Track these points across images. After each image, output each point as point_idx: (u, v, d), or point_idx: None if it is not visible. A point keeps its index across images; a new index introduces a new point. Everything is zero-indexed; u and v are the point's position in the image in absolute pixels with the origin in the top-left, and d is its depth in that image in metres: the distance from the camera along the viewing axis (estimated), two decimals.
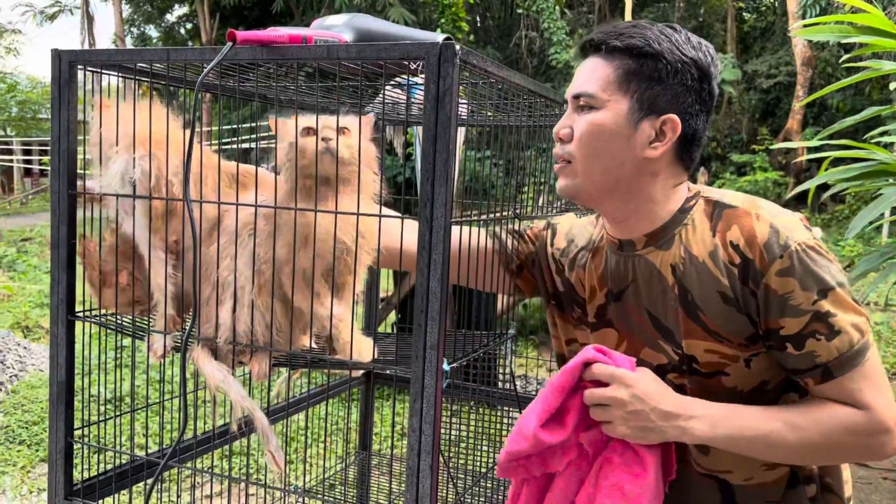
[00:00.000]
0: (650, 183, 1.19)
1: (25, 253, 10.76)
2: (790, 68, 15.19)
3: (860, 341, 1.10)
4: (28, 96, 17.00)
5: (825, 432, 1.11)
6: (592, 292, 1.30)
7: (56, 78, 1.30)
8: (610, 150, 1.16)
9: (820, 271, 1.10)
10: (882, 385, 1.12)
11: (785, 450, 1.12)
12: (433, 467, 1.05)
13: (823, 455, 1.16)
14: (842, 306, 1.10)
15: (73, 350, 1.36)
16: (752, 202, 1.18)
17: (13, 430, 4.36)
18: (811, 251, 1.11)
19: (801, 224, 1.15)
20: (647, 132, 1.15)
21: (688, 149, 1.20)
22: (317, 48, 1.08)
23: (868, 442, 1.11)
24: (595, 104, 1.16)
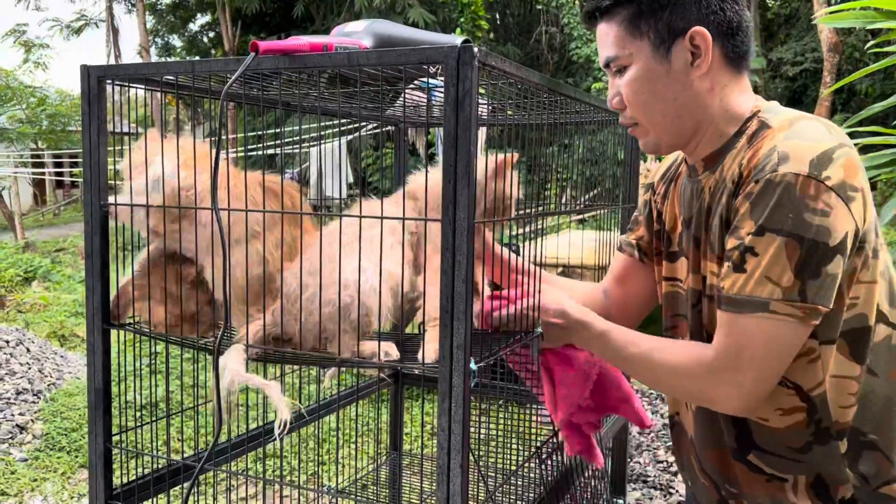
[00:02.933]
0: (709, 100, 1.17)
1: (59, 263, 10.99)
2: (816, 55, 14.95)
3: (759, 299, 1.03)
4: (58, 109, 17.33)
5: (671, 370, 1.16)
6: (673, 221, 1.32)
7: (85, 93, 1.33)
8: (658, 94, 1.17)
9: (775, 209, 1.02)
10: (748, 348, 1.06)
11: (641, 376, 1.23)
12: (463, 466, 1.06)
13: (668, 389, 1.26)
14: (770, 254, 1.02)
15: (110, 358, 1.39)
16: (790, 122, 1.10)
17: (53, 436, 4.45)
18: (786, 186, 1.02)
19: (817, 154, 1.02)
20: (681, 57, 1.15)
21: (733, 43, 1.16)
22: (337, 55, 1.10)
23: (697, 385, 1.13)
24: (623, 63, 1.18)
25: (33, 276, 9.75)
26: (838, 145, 1.04)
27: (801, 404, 1.13)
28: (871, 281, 1.10)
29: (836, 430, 1.13)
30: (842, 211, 1.02)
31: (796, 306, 1.03)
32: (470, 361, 1.05)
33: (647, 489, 3.75)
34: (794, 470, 1.16)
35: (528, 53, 16.96)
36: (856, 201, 1.04)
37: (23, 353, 5.36)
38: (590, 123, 1.79)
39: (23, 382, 4.97)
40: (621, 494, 2.07)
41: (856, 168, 1.05)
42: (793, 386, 1.13)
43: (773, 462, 1.18)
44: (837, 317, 1.10)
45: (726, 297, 1.08)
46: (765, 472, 1.19)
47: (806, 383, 1.12)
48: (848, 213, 1.03)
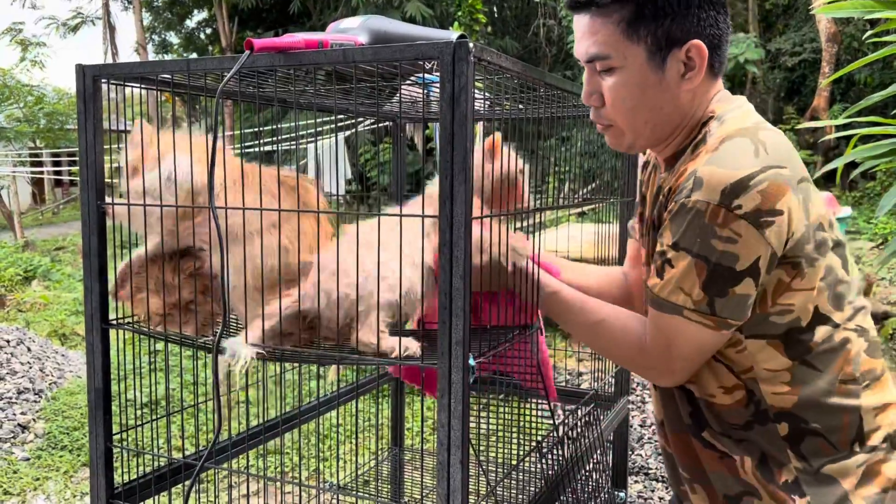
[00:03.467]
0: (689, 107, 1.19)
1: (59, 262, 10.98)
2: (815, 45, 14.90)
3: (675, 304, 1.10)
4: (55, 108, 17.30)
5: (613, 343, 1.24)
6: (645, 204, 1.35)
7: (81, 92, 1.33)
8: (647, 103, 1.16)
9: (687, 230, 1.07)
10: (675, 342, 1.13)
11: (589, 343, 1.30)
12: (463, 462, 1.06)
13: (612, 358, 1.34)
14: (680, 270, 1.09)
15: (109, 357, 1.39)
16: (721, 141, 1.11)
17: (55, 435, 4.46)
18: (696, 213, 1.06)
19: (729, 183, 1.05)
20: (675, 68, 1.14)
21: (717, 56, 1.17)
22: (333, 52, 1.10)
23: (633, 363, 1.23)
24: (613, 65, 1.15)
25: (33, 275, 9.75)
26: (760, 170, 1.05)
27: (739, 383, 1.17)
28: (809, 289, 1.12)
29: (773, 413, 1.16)
30: (752, 238, 1.05)
31: (706, 317, 1.10)
32: (469, 357, 1.05)
33: (648, 481, 3.76)
34: (740, 449, 1.20)
35: (526, 47, 16.92)
36: (773, 226, 1.06)
37: (24, 353, 5.36)
38: (588, 116, 1.79)
39: (24, 382, 4.97)
40: (623, 487, 2.07)
41: (780, 191, 1.05)
42: (728, 367, 1.17)
43: (723, 441, 1.21)
44: (765, 319, 1.13)
45: (651, 296, 1.15)
46: (717, 450, 1.22)
47: (736, 367, 1.17)
48: (760, 239, 1.06)
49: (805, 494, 1.15)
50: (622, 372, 2.06)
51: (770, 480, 1.18)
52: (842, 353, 1.15)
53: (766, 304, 1.12)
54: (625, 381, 2.08)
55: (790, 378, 1.14)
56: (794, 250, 1.10)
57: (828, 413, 1.15)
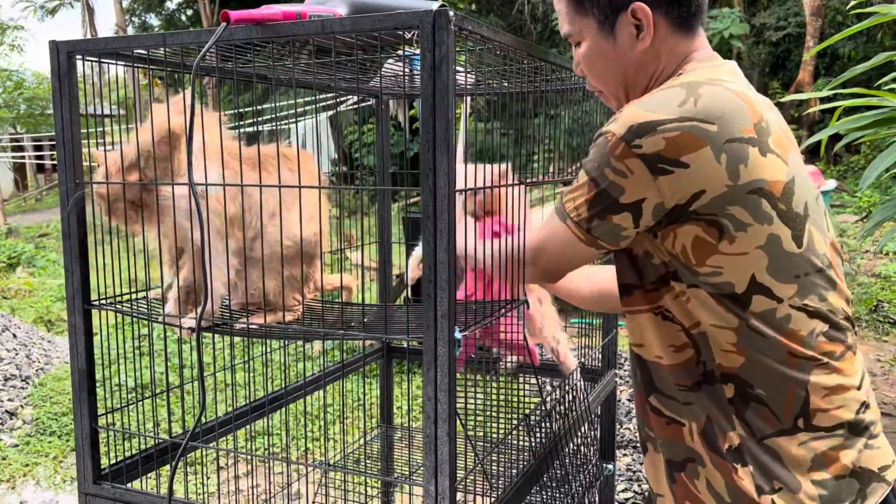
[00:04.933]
0: (657, 65, 1.22)
1: (43, 248, 10.89)
2: (799, 19, 14.90)
3: (564, 211, 1.17)
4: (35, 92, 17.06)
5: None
6: None
7: (55, 69, 1.30)
8: (611, 69, 1.23)
9: (593, 156, 1.14)
10: (543, 240, 1.22)
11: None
12: (450, 434, 1.06)
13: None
14: (579, 188, 1.15)
15: (92, 338, 1.38)
16: (662, 87, 1.16)
17: (43, 421, 4.45)
18: (601, 141, 1.12)
19: (638, 121, 1.08)
20: (627, 32, 1.19)
21: (679, 9, 1.19)
22: (311, 23, 1.08)
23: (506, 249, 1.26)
24: (576, 39, 1.24)
25: (17, 261, 9.67)
26: (676, 119, 1.06)
27: (688, 341, 1.17)
28: (740, 253, 1.10)
29: (720, 374, 1.16)
30: (643, 178, 1.09)
31: (581, 232, 1.17)
32: (455, 330, 1.05)
33: (636, 454, 3.79)
34: (686, 414, 1.20)
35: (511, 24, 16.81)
36: (669, 175, 1.07)
37: (9, 339, 5.32)
38: (574, 91, 1.77)
39: (10, 368, 4.94)
40: (611, 460, 2.09)
41: (692, 144, 1.06)
42: (678, 323, 1.18)
43: (669, 405, 1.22)
44: (695, 275, 1.13)
45: (557, 201, 1.21)
46: (664, 415, 1.23)
47: (685, 321, 1.17)
48: (650, 183, 1.09)
49: (747, 464, 1.14)
50: (609, 345, 2.07)
51: (714, 447, 1.17)
52: (787, 329, 1.13)
53: (689, 260, 1.13)
54: (612, 355, 2.09)
55: (736, 339, 1.13)
56: (708, 208, 1.08)
57: (773, 381, 1.13)
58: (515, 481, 1.38)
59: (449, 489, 1.07)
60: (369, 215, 2.23)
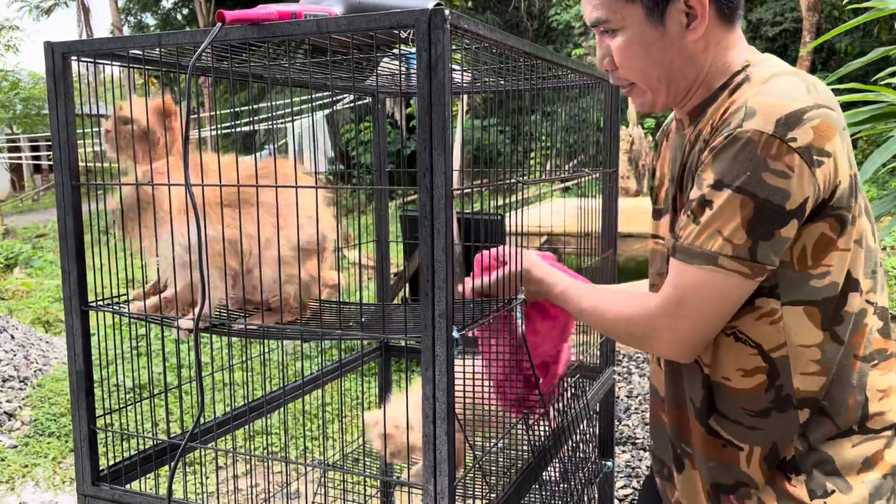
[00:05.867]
0: (705, 59, 1.14)
1: (41, 249, 10.87)
2: (796, 14, 14.90)
3: (709, 252, 1.03)
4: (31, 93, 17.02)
5: (616, 318, 1.19)
6: (661, 178, 1.30)
7: (50, 70, 1.29)
8: (654, 59, 1.13)
9: (734, 165, 1.00)
10: (691, 298, 1.06)
11: (595, 326, 1.32)
12: (449, 433, 1.06)
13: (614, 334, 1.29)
14: (723, 209, 1.01)
15: (89, 339, 1.38)
16: (769, 77, 1.07)
17: (42, 422, 4.44)
18: (747, 143, 1.00)
19: (784, 113, 0.99)
20: (677, 20, 1.10)
21: (724, 2, 1.12)
22: (306, 23, 1.07)
23: (634, 330, 1.17)
24: (613, 27, 1.13)
25: (14, 262, 9.65)
26: (814, 106, 1.01)
27: (763, 365, 1.11)
28: (845, 249, 1.07)
29: (797, 399, 1.12)
30: (805, 175, 0.99)
31: (745, 264, 1.02)
32: (452, 329, 1.05)
33: (636, 451, 3.80)
34: (751, 439, 1.15)
35: (508, 21, 16.80)
36: (823, 167, 1.01)
37: (7, 341, 5.31)
38: (571, 89, 1.77)
39: (8, 370, 4.93)
40: (610, 457, 2.09)
41: (830, 132, 1.01)
42: (755, 346, 1.11)
43: (731, 429, 1.17)
44: (804, 281, 1.07)
45: (680, 246, 1.08)
46: (721, 437, 1.18)
47: (766, 343, 1.11)
48: (811, 179, 1.00)
49: (801, 472, 1.13)
50: (607, 343, 2.07)
51: (773, 469, 1.15)
52: (861, 327, 1.11)
53: (805, 262, 1.06)
54: (610, 352, 2.09)
55: (820, 355, 1.09)
56: (840, 201, 1.04)
57: (839, 390, 1.11)
58: (514, 479, 1.38)
59: (448, 488, 1.07)
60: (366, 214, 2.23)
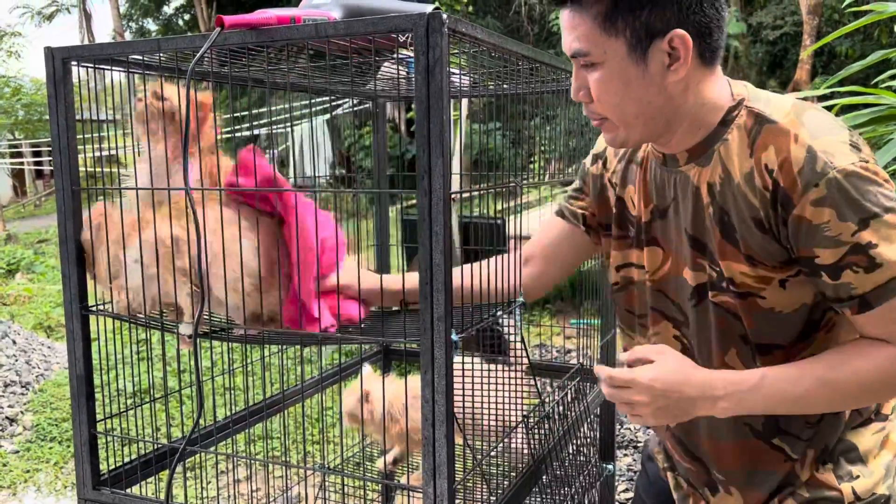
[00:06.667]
0: (684, 99, 1.13)
1: (42, 254, 10.88)
2: (796, 17, 14.90)
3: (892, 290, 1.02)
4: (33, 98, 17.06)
5: (862, 382, 1.07)
6: (640, 208, 1.28)
7: (51, 75, 1.30)
8: (633, 97, 1.11)
9: (862, 199, 1.02)
10: (886, 327, 1.05)
11: (821, 405, 1.11)
12: (449, 436, 1.06)
13: (864, 401, 1.14)
14: (887, 235, 1.02)
15: (90, 343, 1.38)
16: (797, 116, 1.08)
17: (43, 427, 4.44)
18: (852, 177, 1.02)
19: (847, 144, 1.04)
20: (659, 59, 1.08)
21: (707, 43, 1.10)
22: (305, 27, 1.08)
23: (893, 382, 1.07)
24: (593, 60, 1.10)
25: (16, 267, 9.66)
26: (846, 127, 1.07)
27: None
28: None
29: None
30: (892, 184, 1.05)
31: None
32: (451, 332, 1.05)
33: (637, 454, 3.79)
34: (805, 449, 1.21)
35: (508, 26, 16.82)
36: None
37: (9, 346, 5.32)
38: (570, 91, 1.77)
39: (10, 375, 4.94)
40: (611, 460, 2.09)
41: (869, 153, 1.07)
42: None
43: (792, 443, 1.21)
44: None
45: (873, 292, 1.04)
46: (785, 453, 1.22)
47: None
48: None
49: (827, 462, 1.20)
50: (608, 346, 2.07)
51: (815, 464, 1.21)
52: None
53: None
54: (611, 355, 2.09)
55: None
56: None
57: None
58: (514, 482, 1.38)
59: (448, 491, 1.07)
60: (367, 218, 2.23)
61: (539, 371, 2.07)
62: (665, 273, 1.25)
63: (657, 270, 1.26)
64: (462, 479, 1.26)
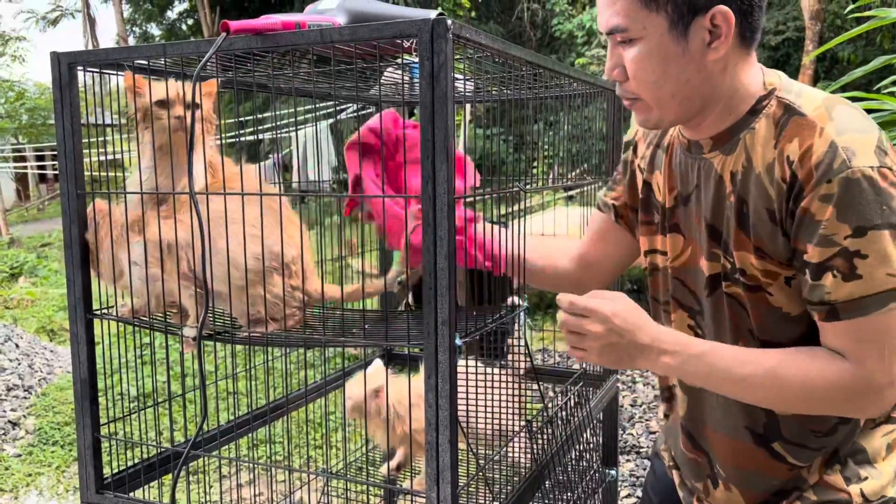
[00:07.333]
0: (721, 80, 1.10)
1: (46, 258, 10.90)
2: (798, 23, 14.90)
3: (886, 292, 0.99)
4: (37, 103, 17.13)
5: (807, 386, 1.06)
6: (664, 194, 1.26)
7: (56, 80, 1.31)
8: (671, 75, 1.08)
9: (868, 206, 0.98)
10: (889, 346, 1.02)
11: (761, 396, 1.11)
12: (452, 441, 1.06)
13: (802, 406, 1.11)
14: (880, 251, 0.99)
15: (94, 348, 1.38)
16: (827, 110, 1.05)
17: (46, 431, 4.44)
18: (867, 181, 0.98)
19: (873, 145, 1.01)
20: (699, 36, 1.05)
21: (748, 23, 1.07)
22: (310, 33, 1.08)
23: (849, 400, 1.06)
24: (632, 36, 1.07)
25: (19, 271, 9.68)
26: (878, 128, 1.03)
27: None
28: None
29: None
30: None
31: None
32: (455, 337, 1.05)
33: (640, 460, 3.79)
34: (812, 457, 1.20)
35: (511, 31, 16.85)
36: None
37: (12, 349, 5.33)
38: (574, 98, 1.78)
39: (13, 378, 4.94)
40: (613, 466, 2.09)
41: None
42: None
43: (795, 452, 1.20)
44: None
45: (844, 303, 1.02)
46: (787, 462, 1.21)
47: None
48: None
49: (834, 465, 1.20)
50: None
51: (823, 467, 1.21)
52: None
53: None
54: None
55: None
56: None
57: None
58: (517, 488, 1.38)
59: (451, 496, 1.07)
60: None
61: (542, 376, 2.07)
62: (684, 261, 1.25)
63: (677, 258, 1.26)
64: (465, 484, 1.26)
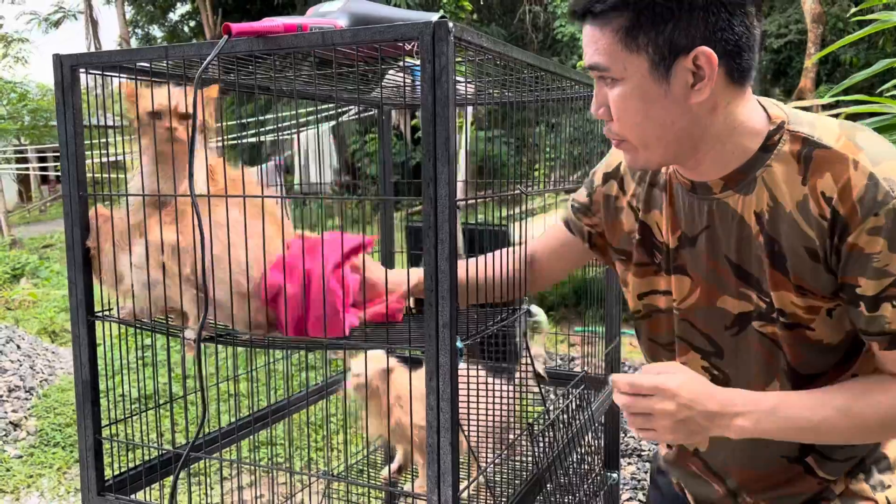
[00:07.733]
0: (711, 121, 1.06)
1: (47, 259, 10.92)
2: (800, 26, 14.90)
3: None
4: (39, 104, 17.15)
5: (883, 416, 1.05)
6: (667, 234, 1.22)
7: (59, 82, 1.31)
8: (654, 117, 1.05)
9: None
10: None
11: (837, 436, 1.09)
12: (453, 444, 1.06)
13: (881, 436, 1.13)
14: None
15: (96, 349, 1.38)
16: (851, 140, 1.03)
17: (47, 432, 4.45)
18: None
19: None
20: (682, 78, 1.02)
21: (737, 62, 1.03)
22: (312, 35, 1.09)
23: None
24: (614, 76, 1.05)
25: (21, 272, 9.69)
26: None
27: None
28: None
29: None
30: None
31: None
32: (456, 339, 1.05)
33: (641, 463, 3.78)
34: (842, 470, 1.21)
35: (513, 33, 16.87)
36: None
37: (13, 350, 5.33)
38: (575, 100, 1.78)
39: (14, 379, 4.94)
40: (615, 468, 2.08)
41: None
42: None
43: (826, 465, 1.20)
44: None
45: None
46: (817, 476, 1.21)
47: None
48: None
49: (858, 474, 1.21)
50: (613, 353, 2.07)
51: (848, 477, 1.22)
52: None
53: None
54: (615, 363, 2.08)
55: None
56: None
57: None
58: (518, 490, 1.38)
59: (452, 498, 1.07)
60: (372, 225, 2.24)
61: (543, 379, 2.07)
62: (694, 302, 1.21)
63: (685, 299, 1.22)
64: (466, 487, 1.26)
